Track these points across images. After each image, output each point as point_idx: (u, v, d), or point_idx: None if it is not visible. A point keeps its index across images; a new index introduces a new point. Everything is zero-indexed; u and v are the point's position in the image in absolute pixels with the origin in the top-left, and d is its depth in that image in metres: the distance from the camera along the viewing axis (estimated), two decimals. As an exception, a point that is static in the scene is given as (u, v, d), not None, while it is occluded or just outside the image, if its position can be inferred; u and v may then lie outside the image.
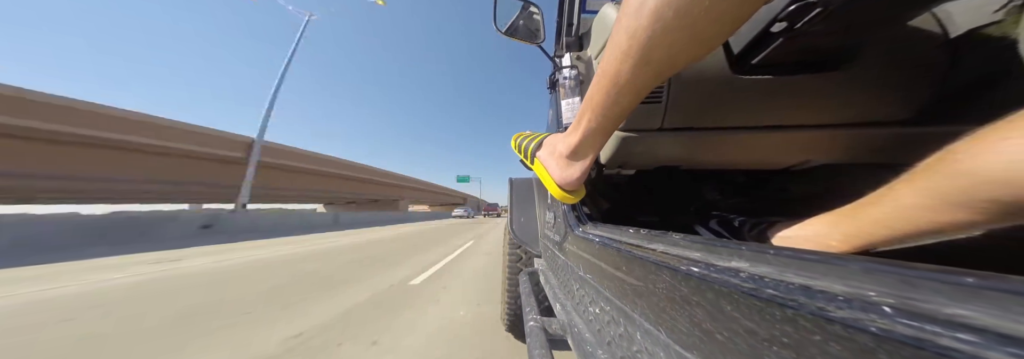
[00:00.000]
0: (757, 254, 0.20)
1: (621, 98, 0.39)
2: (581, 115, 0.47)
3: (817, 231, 0.41)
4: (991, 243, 0.31)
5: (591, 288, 0.49)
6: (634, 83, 0.36)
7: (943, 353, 0.11)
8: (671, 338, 0.26)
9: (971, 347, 0.10)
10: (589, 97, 0.43)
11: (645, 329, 0.31)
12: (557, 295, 0.72)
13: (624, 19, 0.32)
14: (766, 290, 0.18)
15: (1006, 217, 0.22)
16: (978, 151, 0.22)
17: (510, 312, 1.62)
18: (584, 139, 0.49)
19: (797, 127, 0.59)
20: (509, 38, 1.11)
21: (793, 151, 0.68)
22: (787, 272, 0.18)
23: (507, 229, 1.51)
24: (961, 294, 0.12)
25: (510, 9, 1.13)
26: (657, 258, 0.29)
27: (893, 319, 0.12)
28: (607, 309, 0.41)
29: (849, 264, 0.16)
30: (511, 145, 0.78)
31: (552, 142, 0.61)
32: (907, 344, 0.12)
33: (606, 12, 0.68)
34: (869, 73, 0.51)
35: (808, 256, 0.18)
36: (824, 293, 0.15)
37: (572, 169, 0.54)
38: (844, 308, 0.14)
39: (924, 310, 0.12)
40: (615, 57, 0.35)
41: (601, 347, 0.42)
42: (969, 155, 0.23)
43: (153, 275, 3.33)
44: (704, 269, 0.23)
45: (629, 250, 0.35)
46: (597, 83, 0.40)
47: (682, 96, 0.56)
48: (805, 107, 0.57)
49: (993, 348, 0.10)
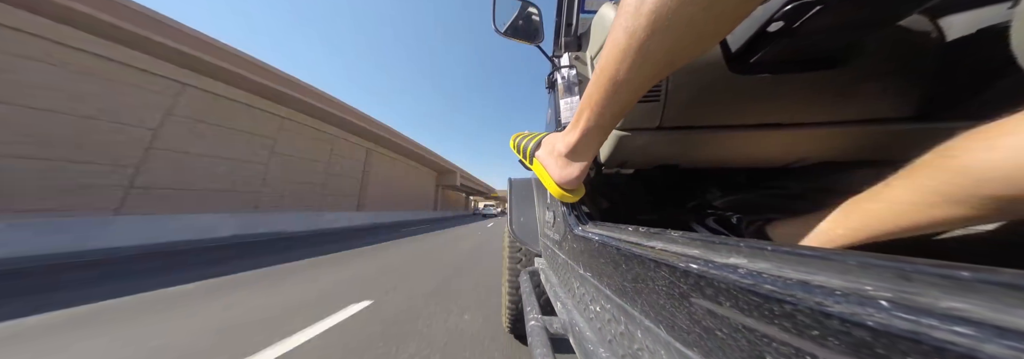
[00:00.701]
0: (755, 250, 0.21)
1: (619, 97, 0.39)
2: (579, 114, 0.47)
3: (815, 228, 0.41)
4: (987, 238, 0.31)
5: (591, 286, 0.49)
6: (632, 82, 0.36)
7: (940, 346, 0.11)
8: (671, 335, 0.26)
9: (967, 340, 0.10)
10: (587, 96, 0.43)
11: (645, 327, 0.31)
12: (558, 294, 0.72)
13: (622, 18, 0.32)
14: (764, 286, 0.18)
15: (1002, 213, 0.22)
16: (974, 148, 0.23)
17: (511, 311, 1.62)
18: (583, 138, 0.49)
19: (795, 125, 0.60)
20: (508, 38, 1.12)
21: (791, 149, 0.68)
22: (785, 268, 0.18)
23: (507, 229, 1.51)
24: (957, 288, 0.12)
25: (509, 9, 1.13)
26: (656, 256, 0.29)
27: (890, 313, 0.13)
28: (608, 307, 0.41)
29: (846, 259, 0.16)
30: (510, 145, 0.78)
31: (551, 141, 0.61)
32: (904, 338, 0.12)
33: (605, 12, 0.68)
34: (866, 71, 0.51)
35: (805, 252, 0.18)
36: (822, 288, 0.15)
37: (571, 168, 0.54)
38: (842, 303, 0.14)
39: (920, 304, 0.12)
40: (614, 56, 0.35)
41: (602, 345, 0.42)
42: (965, 152, 0.23)
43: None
44: (703, 266, 0.23)
45: (628, 248, 0.35)
46: (595, 82, 0.40)
47: (680, 95, 0.56)
48: (803, 105, 0.57)
49: (989, 341, 0.10)
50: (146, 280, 3.10)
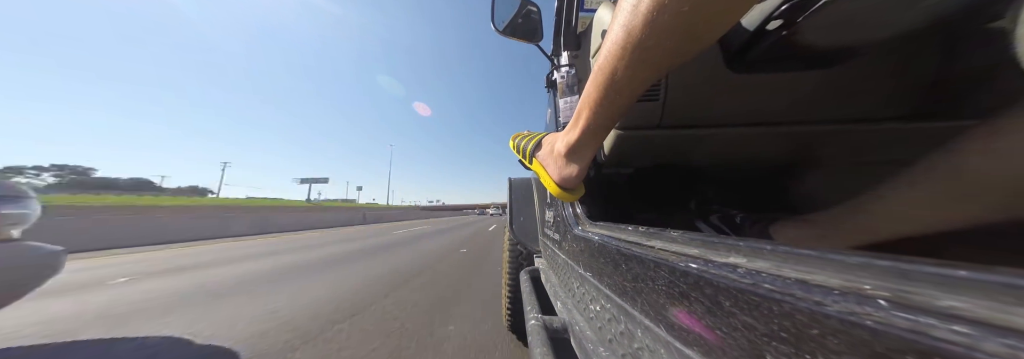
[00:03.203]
0: (754, 250, 0.21)
1: (618, 96, 0.39)
2: (579, 113, 0.47)
3: (818, 227, 0.41)
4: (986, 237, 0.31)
5: (591, 286, 0.49)
6: (631, 81, 0.36)
7: (938, 345, 0.11)
8: (671, 334, 0.26)
9: (966, 339, 0.10)
10: (586, 95, 0.43)
11: (645, 326, 0.31)
12: (557, 293, 0.72)
13: (620, 17, 0.32)
14: (764, 285, 0.18)
15: (1001, 212, 0.22)
16: (976, 148, 0.23)
17: (511, 311, 1.63)
18: (582, 137, 0.49)
19: (795, 123, 0.60)
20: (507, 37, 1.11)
21: (792, 148, 0.68)
22: (784, 267, 0.18)
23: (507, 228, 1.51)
24: (955, 287, 0.12)
25: (508, 8, 1.13)
26: (656, 255, 0.29)
27: (889, 312, 0.13)
28: (608, 306, 0.41)
29: (845, 258, 0.16)
30: (509, 145, 0.78)
31: (550, 141, 0.61)
32: (903, 337, 0.12)
33: (603, 11, 0.68)
34: (866, 70, 0.51)
35: (804, 251, 0.18)
36: (820, 287, 0.15)
37: (571, 168, 0.54)
38: (840, 302, 0.14)
39: (919, 303, 0.12)
40: (612, 55, 0.35)
41: (602, 344, 0.42)
42: (967, 152, 0.23)
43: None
44: (702, 265, 0.23)
45: (628, 247, 0.35)
46: (594, 81, 0.40)
47: (679, 94, 0.56)
48: (803, 104, 0.57)
49: (987, 339, 0.10)
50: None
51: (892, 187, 0.29)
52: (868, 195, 0.32)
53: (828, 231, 0.38)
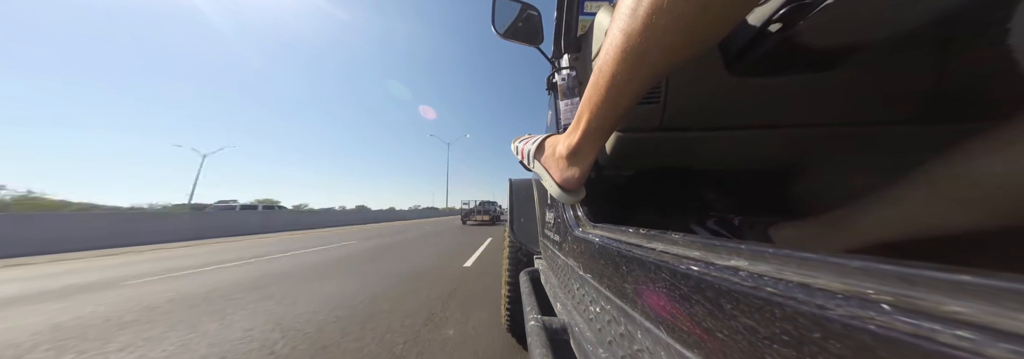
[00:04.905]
0: (756, 253, 0.21)
1: (619, 98, 0.39)
2: (580, 116, 0.47)
3: (818, 230, 0.41)
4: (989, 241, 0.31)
5: (591, 287, 0.49)
6: (631, 83, 0.36)
7: (941, 350, 0.11)
8: (672, 337, 0.26)
9: (970, 344, 0.10)
10: (587, 98, 0.43)
11: (646, 328, 0.31)
12: (557, 294, 0.72)
13: (620, 20, 0.32)
14: (765, 288, 0.18)
15: (1005, 216, 0.22)
16: (979, 152, 0.22)
17: (510, 313, 1.62)
18: (583, 140, 0.49)
19: (796, 126, 0.60)
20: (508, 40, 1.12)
21: (791, 150, 0.68)
22: (786, 270, 0.18)
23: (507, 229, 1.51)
24: (959, 291, 0.12)
25: (509, 11, 1.13)
26: (657, 257, 0.29)
27: (892, 316, 0.13)
28: (607, 308, 0.41)
29: (847, 262, 0.16)
30: (511, 148, 0.78)
31: (552, 143, 0.61)
32: (906, 341, 0.12)
33: (603, 15, 0.68)
34: (867, 72, 0.51)
35: (806, 255, 0.18)
36: (823, 291, 0.15)
37: (572, 170, 0.54)
38: (843, 306, 0.14)
39: (922, 307, 0.12)
40: (612, 58, 0.35)
41: (602, 346, 0.42)
42: (970, 156, 0.23)
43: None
44: (704, 268, 0.23)
45: (629, 250, 0.35)
46: (595, 84, 0.40)
47: (680, 96, 0.56)
48: (804, 106, 0.57)
49: (990, 345, 0.10)
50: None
51: (893, 190, 0.29)
52: (868, 198, 0.32)
53: (828, 233, 0.38)
